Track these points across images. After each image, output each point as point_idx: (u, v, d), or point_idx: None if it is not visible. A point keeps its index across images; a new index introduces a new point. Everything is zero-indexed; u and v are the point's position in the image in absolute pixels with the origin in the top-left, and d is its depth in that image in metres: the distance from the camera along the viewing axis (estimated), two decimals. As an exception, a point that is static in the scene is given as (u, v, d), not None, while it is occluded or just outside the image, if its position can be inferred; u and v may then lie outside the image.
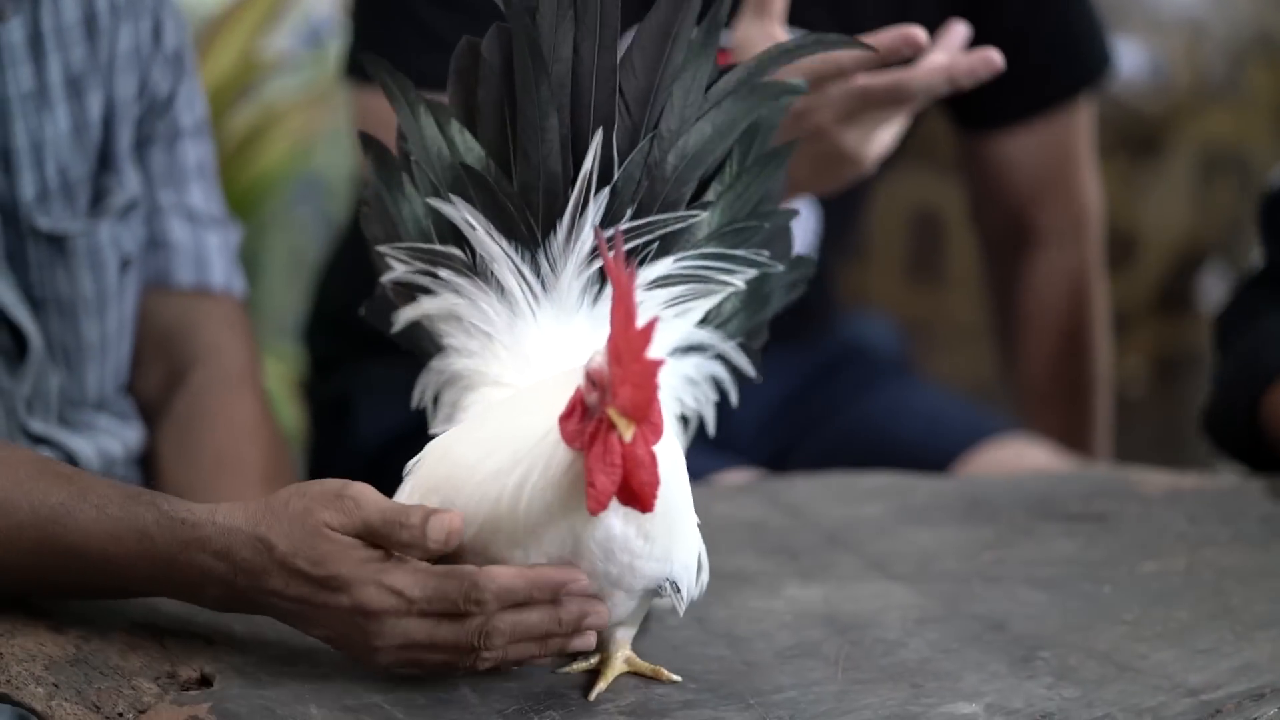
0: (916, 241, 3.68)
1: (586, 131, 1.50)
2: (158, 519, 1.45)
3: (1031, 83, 2.39)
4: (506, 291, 1.51)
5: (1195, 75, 3.63)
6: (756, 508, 1.86)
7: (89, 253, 1.87)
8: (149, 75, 1.93)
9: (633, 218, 1.51)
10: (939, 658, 1.50)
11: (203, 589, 1.45)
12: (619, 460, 1.35)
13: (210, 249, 2.00)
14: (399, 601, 1.39)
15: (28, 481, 1.50)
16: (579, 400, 1.36)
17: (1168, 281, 3.68)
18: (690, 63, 1.52)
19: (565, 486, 1.37)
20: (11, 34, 1.80)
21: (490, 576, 1.39)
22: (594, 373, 1.34)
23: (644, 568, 1.41)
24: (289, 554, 1.40)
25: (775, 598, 1.63)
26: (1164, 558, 1.72)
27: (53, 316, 1.86)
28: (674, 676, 1.48)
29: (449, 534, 1.40)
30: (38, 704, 1.37)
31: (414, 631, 1.40)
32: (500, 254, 1.51)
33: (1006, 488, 1.93)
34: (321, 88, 3.49)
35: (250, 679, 1.42)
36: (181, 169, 1.98)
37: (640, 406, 1.33)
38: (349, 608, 1.40)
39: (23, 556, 1.48)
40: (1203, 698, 1.44)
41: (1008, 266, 2.55)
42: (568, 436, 1.37)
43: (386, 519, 1.40)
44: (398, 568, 1.40)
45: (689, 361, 1.57)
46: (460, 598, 1.39)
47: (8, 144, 1.81)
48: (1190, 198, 3.67)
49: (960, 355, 3.63)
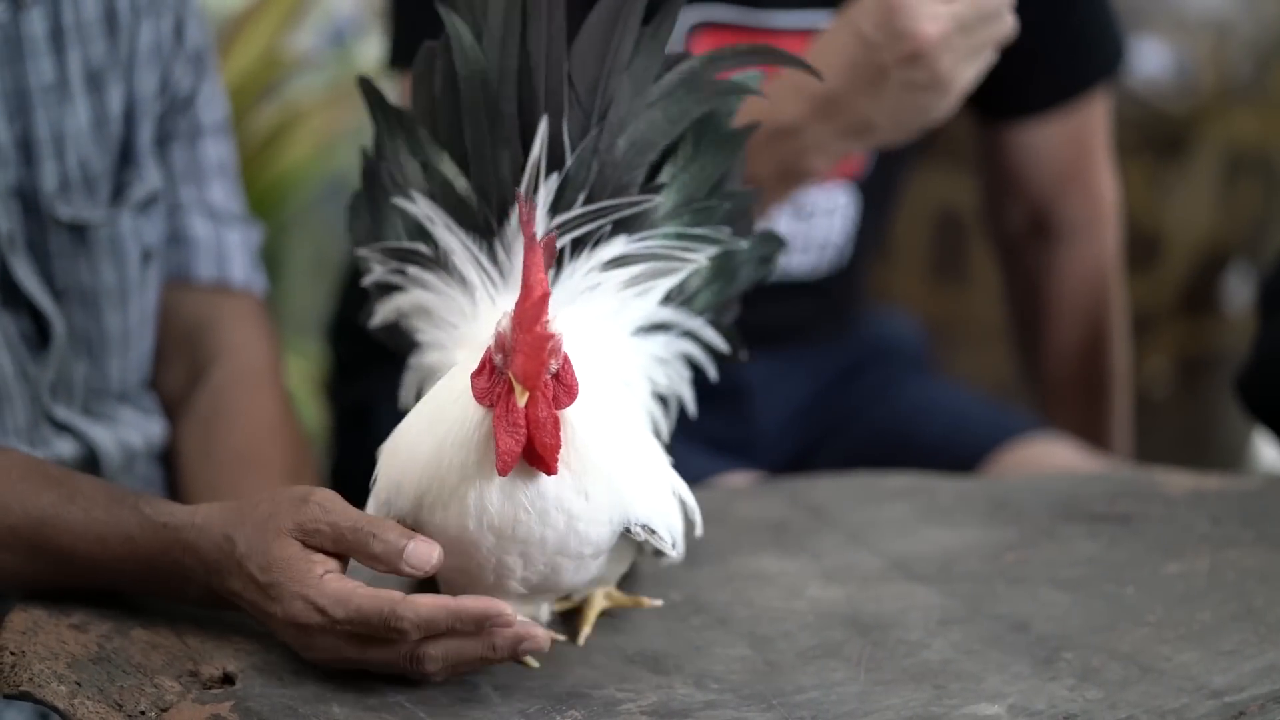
0: (940, 241, 3.67)
1: (534, 121, 1.54)
2: (140, 522, 1.49)
3: (1051, 75, 2.39)
4: (467, 282, 1.55)
5: (1221, 75, 3.62)
6: (779, 508, 1.86)
7: (110, 242, 1.88)
8: (170, 73, 1.94)
9: (585, 203, 1.54)
10: (961, 659, 1.50)
11: (184, 589, 1.49)
12: (521, 421, 1.38)
13: (231, 246, 2.00)
14: (323, 619, 1.41)
15: (20, 484, 1.54)
16: (488, 359, 1.40)
17: (1192, 282, 3.67)
18: (640, 52, 1.55)
19: (480, 445, 1.39)
20: (32, 26, 1.81)
21: (411, 606, 1.40)
22: (500, 335, 1.38)
23: (587, 531, 1.43)
24: (244, 556, 1.43)
25: (798, 598, 1.63)
26: (1187, 559, 1.71)
27: (75, 306, 1.87)
28: (655, 601, 1.54)
29: (430, 563, 1.42)
30: (60, 702, 1.38)
31: (345, 649, 1.42)
32: (458, 245, 1.55)
33: (1029, 488, 1.93)
34: (344, 87, 3.49)
35: (272, 677, 1.42)
36: (202, 167, 1.99)
37: (530, 376, 1.37)
38: (281, 618, 1.42)
39: (17, 557, 1.53)
40: (1226, 699, 1.43)
41: (1027, 262, 2.54)
42: (478, 394, 1.40)
43: (359, 527, 1.42)
44: (328, 585, 1.41)
45: (657, 340, 1.60)
46: (380, 625, 1.40)
47: (29, 134, 1.82)
48: (1215, 198, 3.66)
49: (983, 354, 3.62)
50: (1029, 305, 2.57)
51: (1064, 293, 2.52)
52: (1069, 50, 2.39)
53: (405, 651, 1.41)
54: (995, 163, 2.50)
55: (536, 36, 1.53)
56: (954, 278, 3.68)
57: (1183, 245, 3.65)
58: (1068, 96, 2.42)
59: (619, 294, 1.56)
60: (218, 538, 1.45)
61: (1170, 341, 3.69)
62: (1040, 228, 2.51)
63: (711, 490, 1.96)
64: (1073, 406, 2.55)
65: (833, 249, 2.35)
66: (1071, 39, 2.39)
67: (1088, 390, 2.55)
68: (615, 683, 1.45)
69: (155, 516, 1.48)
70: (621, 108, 1.55)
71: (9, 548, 1.52)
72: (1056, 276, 2.52)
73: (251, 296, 2.03)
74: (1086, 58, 2.42)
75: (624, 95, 1.55)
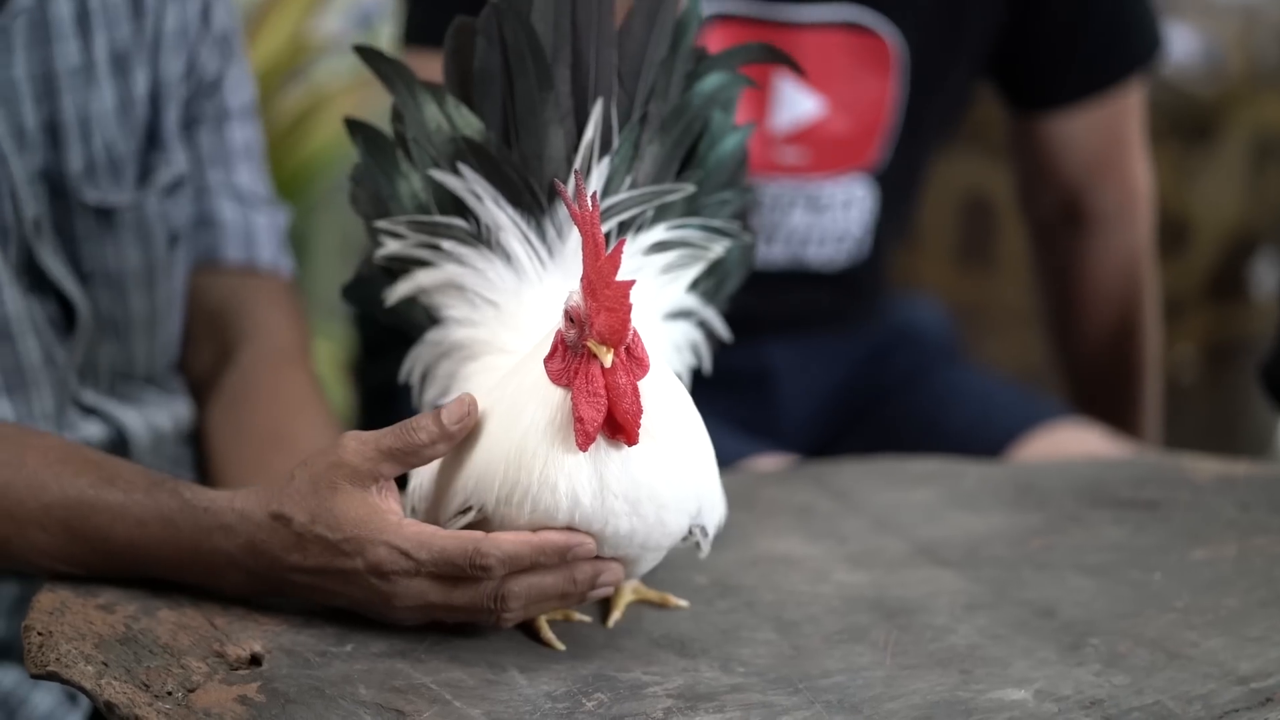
0: (967, 226, 3.67)
1: (585, 102, 1.54)
2: (181, 506, 1.48)
3: (1085, 65, 2.38)
4: (513, 258, 1.54)
5: (1249, 61, 3.62)
6: (805, 492, 1.86)
7: (136, 225, 1.88)
8: (197, 56, 1.94)
9: (630, 188, 1.56)
10: (988, 644, 1.50)
11: (224, 574, 1.48)
12: (601, 390, 1.37)
13: (259, 229, 2.01)
14: (408, 563, 1.41)
15: (58, 464, 1.54)
16: (560, 340, 1.39)
17: (1220, 268, 3.67)
18: (675, 48, 1.57)
19: (564, 430, 1.39)
20: (59, 9, 1.82)
21: (494, 542, 1.40)
22: (571, 309, 1.38)
23: (672, 521, 1.43)
24: (308, 523, 1.43)
25: (824, 582, 1.63)
26: (1214, 545, 1.71)
27: (101, 289, 1.88)
28: (681, 602, 1.54)
29: (466, 413, 1.43)
30: (87, 682, 1.38)
31: (429, 593, 1.43)
32: (508, 221, 1.55)
33: (1056, 474, 1.93)
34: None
35: (299, 659, 1.42)
36: (229, 150, 2.00)
37: (616, 330, 1.36)
38: (363, 569, 1.42)
39: (52, 537, 1.52)
40: (1253, 685, 1.43)
41: (1059, 250, 2.54)
42: (553, 376, 1.40)
43: (398, 435, 1.43)
44: (406, 529, 1.42)
45: (678, 327, 1.61)
46: (465, 563, 1.41)
47: (56, 118, 1.83)
48: (1243, 184, 3.65)
49: (1011, 340, 3.62)
50: (1061, 291, 2.57)
51: (1096, 280, 2.52)
52: (1103, 40, 2.38)
53: (490, 590, 1.42)
54: (1027, 152, 2.49)
55: (586, 16, 1.54)
56: (982, 263, 3.67)
57: (1210, 231, 3.65)
58: (1101, 87, 2.42)
59: (657, 279, 1.57)
60: (263, 520, 1.45)
61: (1197, 328, 3.69)
62: (1073, 216, 2.50)
63: (738, 474, 1.96)
64: (1102, 393, 2.55)
65: (851, 240, 2.35)
66: (1106, 28, 2.38)
67: (1117, 377, 2.55)
68: (641, 666, 1.45)
69: (195, 501, 1.48)
70: (660, 99, 1.56)
71: (44, 528, 1.52)
72: (1089, 264, 2.52)
73: (279, 278, 2.03)
74: (1121, 48, 2.42)
75: (661, 87, 1.56)
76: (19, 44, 1.80)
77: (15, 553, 1.53)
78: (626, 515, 1.40)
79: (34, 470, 1.53)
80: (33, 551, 1.53)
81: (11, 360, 1.80)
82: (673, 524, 1.43)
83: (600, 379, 1.37)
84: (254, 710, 1.35)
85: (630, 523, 1.41)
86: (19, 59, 1.81)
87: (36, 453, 1.55)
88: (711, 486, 1.47)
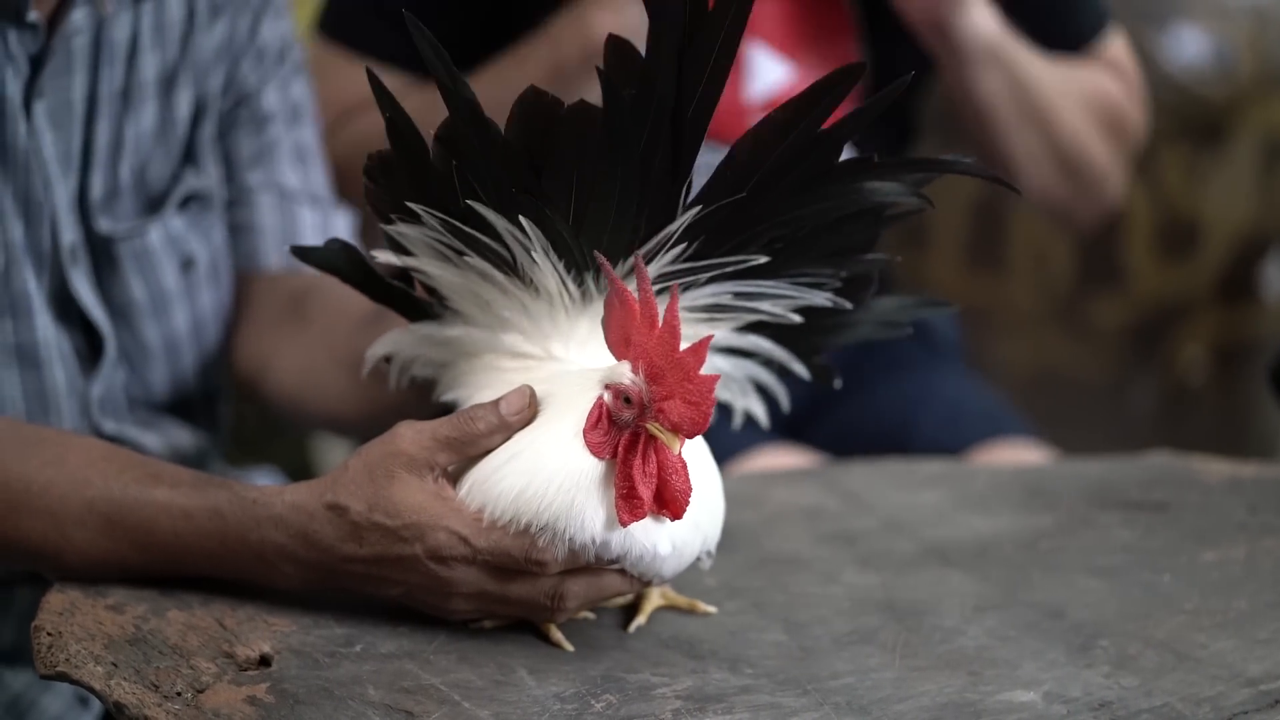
0: (977, 228, 3.67)
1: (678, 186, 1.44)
2: (230, 499, 1.47)
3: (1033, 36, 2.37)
4: (542, 291, 1.49)
5: (1259, 63, 3.61)
6: (814, 493, 1.86)
7: (134, 256, 1.86)
8: (237, 70, 1.92)
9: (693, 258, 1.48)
10: (997, 645, 1.50)
11: (276, 567, 1.47)
12: (654, 470, 1.39)
13: (302, 227, 1.98)
14: (466, 549, 1.42)
15: (101, 461, 1.52)
16: (604, 413, 1.40)
17: (1229, 270, 3.66)
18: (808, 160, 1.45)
19: (594, 492, 1.40)
20: (116, 31, 1.80)
21: None
22: (631, 389, 1.38)
23: (690, 553, 1.46)
24: (365, 512, 1.43)
25: (833, 583, 1.63)
26: (1224, 547, 1.71)
27: (116, 318, 1.86)
28: (709, 608, 1.55)
29: (525, 404, 1.43)
30: (96, 683, 1.38)
31: (486, 583, 1.43)
32: (550, 270, 1.47)
33: (1065, 476, 1.93)
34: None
35: (308, 660, 1.43)
36: (270, 148, 1.97)
37: (697, 424, 1.37)
38: (422, 554, 1.42)
39: (91, 535, 1.50)
40: (1262, 688, 1.43)
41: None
42: (594, 448, 1.40)
43: (456, 424, 1.43)
44: (463, 515, 1.42)
45: (726, 360, 1.59)
46: (521, 556, 1.41)
47: (92, 141, 1.81)
48: (1253, 185, 3.65)
49: (1019, 342, 3.62)
50: None
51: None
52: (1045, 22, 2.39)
53: (548, 587, 1.43)
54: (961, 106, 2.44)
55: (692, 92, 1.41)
56: (991, 265, 3.67)
57: (1220, 233, 3.64)
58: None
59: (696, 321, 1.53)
60: (317, 510, 1.44)
61: (1207, 329, 3.68)
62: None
63: (747, 476, 1.96)
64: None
65: None
66: (1047, 11, 2.39)
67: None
68: (650, 667, 1.45)
69: (245, 494, 1.47)
70: (775, 203, 1.46)
71: (84, 524, 1.50)
72: None
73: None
74: (1067, 23, 2.42)
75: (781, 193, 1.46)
76: (79, 65, 1.78)
77: (50, 553, 1.51)
78: (650, 564, 1.44)
79: (76, 467, 1.51)
80: (69, 551, 1.51)
81: (37, 386, 1.79)
82: (689, 555, 1.47)
83: (654, 460, 1.39)
84: (263, 711, 1.35)
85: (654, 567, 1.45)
86: (77, 80, 1.79)
87: (79, 451, 1.53)
88: (719, 516, 1.50)
